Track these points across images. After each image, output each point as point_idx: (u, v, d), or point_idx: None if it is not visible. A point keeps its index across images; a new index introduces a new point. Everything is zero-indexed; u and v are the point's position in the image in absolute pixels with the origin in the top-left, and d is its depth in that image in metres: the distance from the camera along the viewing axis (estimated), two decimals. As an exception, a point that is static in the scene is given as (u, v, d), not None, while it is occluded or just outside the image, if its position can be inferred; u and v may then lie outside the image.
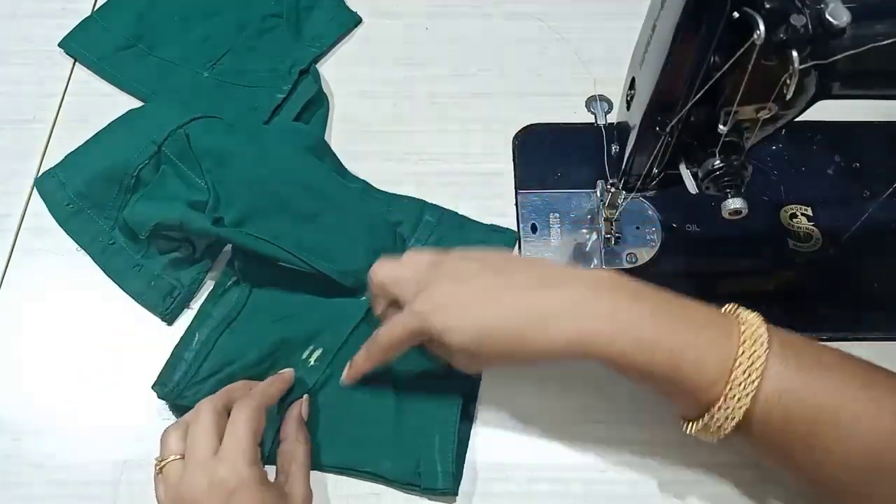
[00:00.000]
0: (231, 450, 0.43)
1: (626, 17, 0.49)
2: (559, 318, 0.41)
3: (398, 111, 0.64)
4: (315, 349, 0.52)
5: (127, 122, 0.60)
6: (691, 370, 0.40)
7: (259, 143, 0.57)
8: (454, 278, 0.44)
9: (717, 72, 0.39)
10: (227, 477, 0.41)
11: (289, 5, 0.68)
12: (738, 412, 0.38)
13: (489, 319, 0.43)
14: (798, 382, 0.39)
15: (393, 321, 0.46)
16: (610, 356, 0.41)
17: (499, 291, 0.43)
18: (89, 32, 0.68)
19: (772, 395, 0.38)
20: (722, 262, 0.57)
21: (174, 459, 0.43)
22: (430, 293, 0.44)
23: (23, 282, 0.56)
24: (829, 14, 0.36)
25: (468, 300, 0.43)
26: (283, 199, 0.54)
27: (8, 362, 0.53)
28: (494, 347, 0.43)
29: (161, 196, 0.54)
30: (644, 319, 0.41)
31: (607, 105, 0.59)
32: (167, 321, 0.54)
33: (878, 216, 0.56)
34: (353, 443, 0.49)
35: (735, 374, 0.38)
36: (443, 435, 0.49)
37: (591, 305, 0.41)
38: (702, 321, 0.41)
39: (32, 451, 0.50)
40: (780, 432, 0.39)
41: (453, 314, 0.43)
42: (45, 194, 0.59)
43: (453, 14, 0.70)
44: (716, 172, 0.44)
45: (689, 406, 0.41)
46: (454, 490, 0.48)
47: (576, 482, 0.49)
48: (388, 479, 0.48)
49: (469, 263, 0.45)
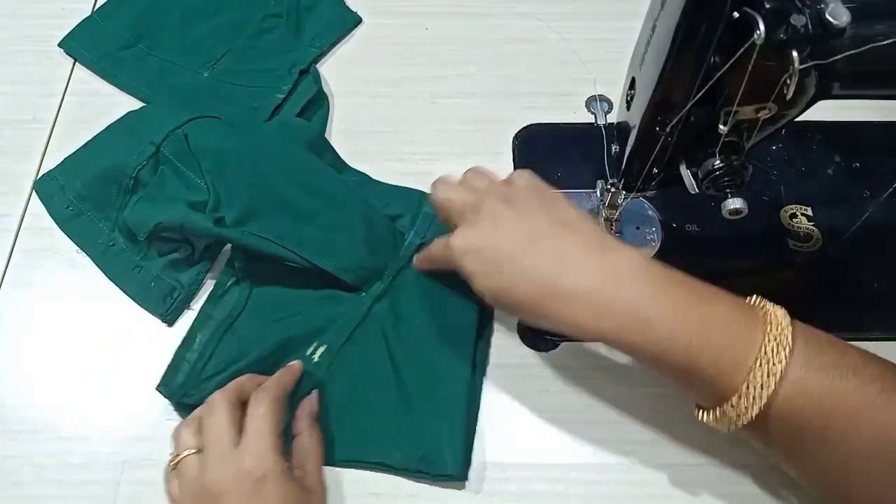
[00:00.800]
0: (254, 441, 0.43)
1: (626, 17, 0.49)
2: (577, 301, 0.41)
3: (398, 111, 0.64)
4: (319, 346, 0.52)
5: (125, 123, 0.60)
6: (709, 367, 0.39)
7: (257, 142, 0.57)
8: (496, 218, 0.44)
9: (717, 72, 0.39)
10: (254, 467, 0.42)
11: (289, 5, 0.68)
12: (754, 409, 0.38)
13: (510, 280, 0.43)
14: (817, 384, 0.38)
15: (437, 242, 0.50)
16: (627, 348, 0.41)
17: (532, 250, 0.43)
18: (89, 32, 0.68)
19: (788, 396, 0.38)
20: (722, 262, 0.57)
21: (191, 454, 0.43)
22: (469, 231, 0.45)
23: (23, 282, 0.56)
24: (829, 14, 0.36)
25: (499, 250, 0.43)
26: (283, 198, 0.54)
27: (8, 362, 0.53)
28: (512, 307, 0.44)
29: (161, 197, 0.54)
30: (664, 317, 0.40)
31: (607, 105, 0.59)
32: (167, 322, 0.54)
33: (878, 216, 0.56)
34: (360, 435, 0.50)
35: (754, 374, 0.38)
36: (451, 422, 0.49)
37: (614, 296, 0.41)
38: (726, 318, 0.40)
39: (32, 451, 0.50)
40: (792, 431, 0.39)
41: (481, 261, 0.44)
42: (45, 197, 0.59)
43: (453, 14, 0.70)
44: (716, 172, 0.44)
45: (703, 396, 0.41)
46: (464, 476, 0.48)
47: (576, 482, 0.48)
48: (398, 468, 0.48)
49: (517, 205, 0.45)
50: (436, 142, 0.62)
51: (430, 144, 0.62)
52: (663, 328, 0.40)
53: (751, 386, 0.38)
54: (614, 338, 0.41)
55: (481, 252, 0.44)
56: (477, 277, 0.44)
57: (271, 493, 0.42)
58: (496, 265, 0.43)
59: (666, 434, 0.49)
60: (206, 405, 0.46)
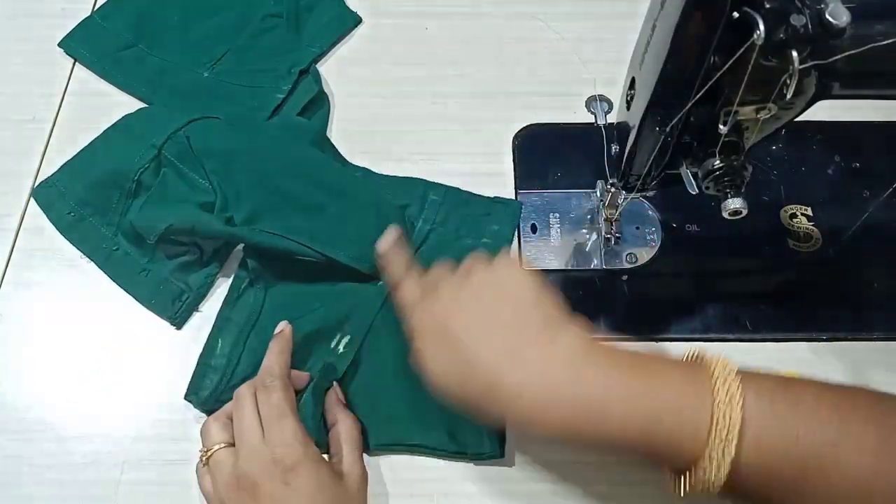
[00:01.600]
0: (278, 429, 0.44)
1: (626, 17, 0.49)
2: (522, 392, 0.39)
3: (398, 111, 0.64)
4: (342, 337, 0.52)
5: (123, 127, 0.59)
6: (666, 445, 0.38)
7: (260, 139, 0.57)
8: (452, 299, 0.43)
9: (717, 72, 0.39)
10: (284, 455, 0.42)
11: (289, 5, 0.68)
12: (721, 474, 0.37)
13: (457, 369, 0.42)
14: (777, 436, 0.37)
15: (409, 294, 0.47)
16: (578, 440, 0.40)
17: (476, 342, 0.41)
18: (89, 32, 0.68)
19: (751, 454, 0.37)
20: (722, 262, 0.57)
21: (221, 448, 0.44)
22: (423, 307, 0.44)
23: (23, 282, 0.56)
24: (829, 14, 0.36)
25: (447, 334, 0.42)
26: (291, 194, 0.54)
27: (8, 362, 0.53)
28: (456, 399, 0.42)
29: (167, 199, 0.54)
30: (616, 406, 0.39)
31: (607, 105, 0.59)
32: (176, 325, 0.54)
33: (878, 216, 0.56)
34: (394, 421, 0.50)
35: (712, 440, 0.37)
36: None
37: (561, 389, 0.39)
38: (676, 391, 0.39)
39: (32, 451, 0.50)
40: (767, 487, 0.38)
41: (432, 342, 0.43)
42: (45, 204, 0.58)
43: (453, 14, 0.70)
44: (716, 172, 0.44)
45: (670, 467, 0.40)
46: (501, 453, 0.48)
47: (576, 482, 0.49)
48: (437, 450, 0.49)
49: (471, 289, 0.44)
50: (436, 142, 0.62)
51: (430, 144, 0.62)
52: (616, 416, 0.38)
53: (713, 452, 0.37)
54: (562, 431, 0.39)
55: (433, 332, 0.43)
56: (425, 359, 0.43)
57: (303, 480, 0.42)
58: (445, 349, 0.42)
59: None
60: (234, 399, 0.46)
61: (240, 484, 0.42)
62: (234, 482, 0.43)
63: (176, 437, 0.50)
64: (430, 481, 0.49)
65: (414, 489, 0.49)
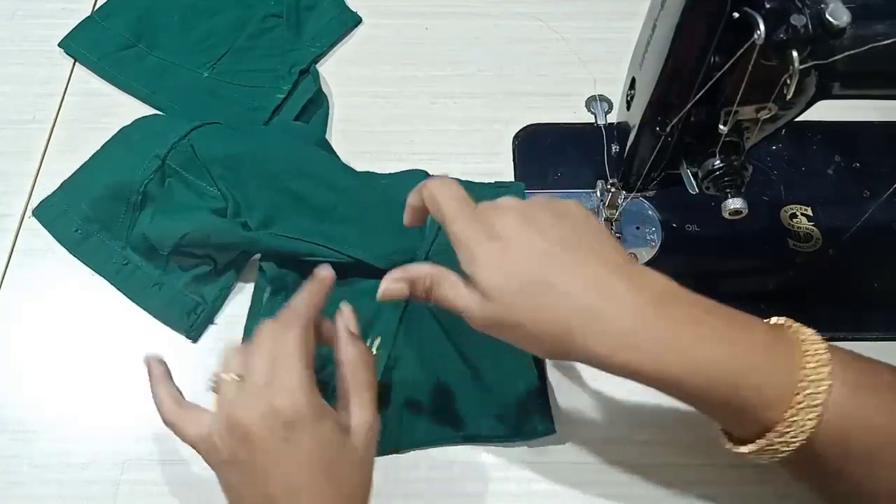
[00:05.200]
0: (284, 377, 0.39)
1: (626, 17, 0.49)
2: (609, 332, 0.37)
3: (398, 111, 0.64)
4: (374, 338, 0.52)
5: (122, 140, 0.59)
6: (752, 395, 0.37)
7: (264, 143, 0.57)
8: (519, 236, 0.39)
9: (717, 72, 0.39)
10: (284, 406, 0.38)
11: (289, 5, 0.68)
12: (801, 436, 0.36)
13: (542, 308, 0.38)
14: (859, 406, 0.37)
15: (447, 280, 0.41)
16: (661, 382, 0.38)
17: (562, 274, 0.38)
18: (89, 32, 0.68)
19: (833, 420, 0.36)
20: (722, 262, 0.57)
21: (230, 377, 0.40)
22: (490, 256, 0.39)
23: (23, 282, 0.56)
24: (829, 14, 0.36)
25: (532, 274, 0.38)
26: (300, 195, 0.54)
27: (8, 362, 0.53)
28: (534, 338, 0.39)
29: (176, 209, 0.54)
30: (705, 347, 0.37)
31: (607, 105, 0.59)
32: (192, 338, 0.53)
33: (878, 216, 0.56)
34: (439, 414, 0.50)
35: (798, 399, 0.36)
36: (527, 381, 0.50)
37: (649, 325, 0.37)
38: (764, 343, 0.38)
39: (32, 451, 0.50)
40: (838, 457, 0.37)
41: (510, 289, 0.38)
42: (49, 223, 0.58)
43: (453, 14, 0.70)
44: (716, 172, 0.44)
45: (744, 426, 0.39)
46: (553, 429, 0.49)
47: (576, 483, 0.48)
48: (490, 437, 0.49)
49: (537, 223, 0.40)
50: (436, 142, 0.62)
51: (430, 144, 0.62)
52: (703, 360, 0.37)
53: (798, 413, 0.36)
54: (644, 369, 0.37)
55: (513, 278, 0.38)
56: (486, 276, 0.39)
57: (304, 440, 0.38)
58: (529, 292, 0.38)
59: (665, 435, 0.49)
60: (255, 332, 0.42)
61: (231, 423, 0.39)
62: (230, 419, 0.39)
63: (176, 437, 0.50)
64: (431, 481, 0.49)
65: (414, 489, 0.49)
